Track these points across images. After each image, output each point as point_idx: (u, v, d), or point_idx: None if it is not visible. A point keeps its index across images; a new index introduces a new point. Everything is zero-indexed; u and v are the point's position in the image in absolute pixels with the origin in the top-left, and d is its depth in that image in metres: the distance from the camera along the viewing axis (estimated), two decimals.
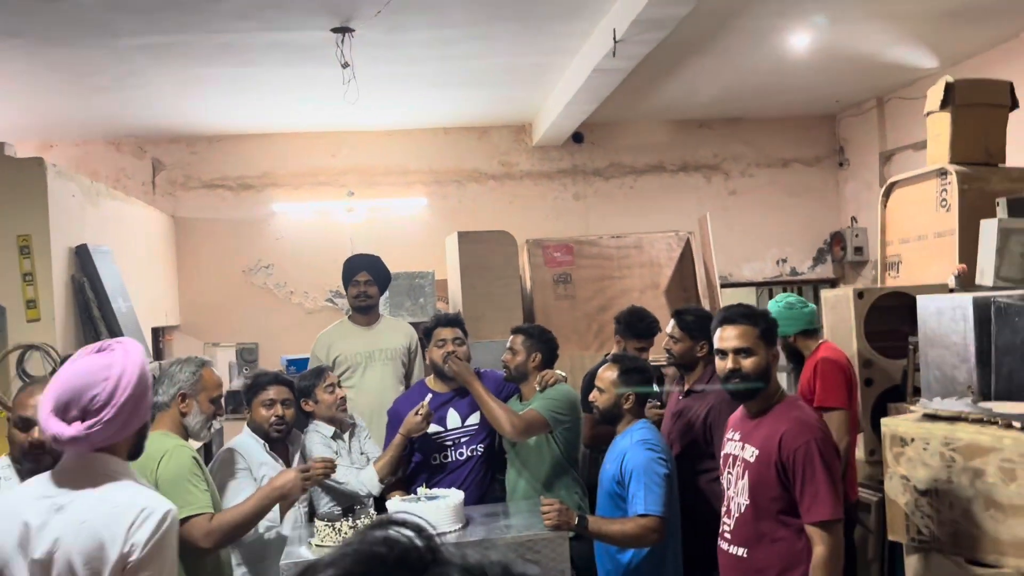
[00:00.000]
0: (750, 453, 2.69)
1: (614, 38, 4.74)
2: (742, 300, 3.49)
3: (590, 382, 3.66)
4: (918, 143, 6.43)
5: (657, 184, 7.92)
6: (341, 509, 3.52)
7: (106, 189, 5.58)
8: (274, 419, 3.46)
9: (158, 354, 6.47)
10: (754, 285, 8.25)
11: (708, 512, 3.25)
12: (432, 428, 3.78)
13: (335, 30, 4.89)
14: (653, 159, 7.93)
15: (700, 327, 3.64)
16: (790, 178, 8.07)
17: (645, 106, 7.25)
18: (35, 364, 4.06)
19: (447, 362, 3.82)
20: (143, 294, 5.77)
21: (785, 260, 8.08)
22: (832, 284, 7.92)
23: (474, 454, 3.87)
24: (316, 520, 3.27)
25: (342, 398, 3.82)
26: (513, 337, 3.94)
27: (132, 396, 1.96)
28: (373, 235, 7.26)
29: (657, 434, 3.32)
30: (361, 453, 3.86)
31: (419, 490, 3.42)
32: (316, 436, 3.75)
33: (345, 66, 5.07)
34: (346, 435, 3.84)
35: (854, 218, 7.88)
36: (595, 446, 4.06)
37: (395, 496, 3.58)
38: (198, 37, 4.98)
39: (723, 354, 2.75)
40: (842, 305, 4.58)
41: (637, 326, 4.29)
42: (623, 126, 7.81)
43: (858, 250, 7.70)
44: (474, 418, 3.87)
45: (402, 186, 7.63)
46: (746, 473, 2.69)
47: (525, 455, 3.79)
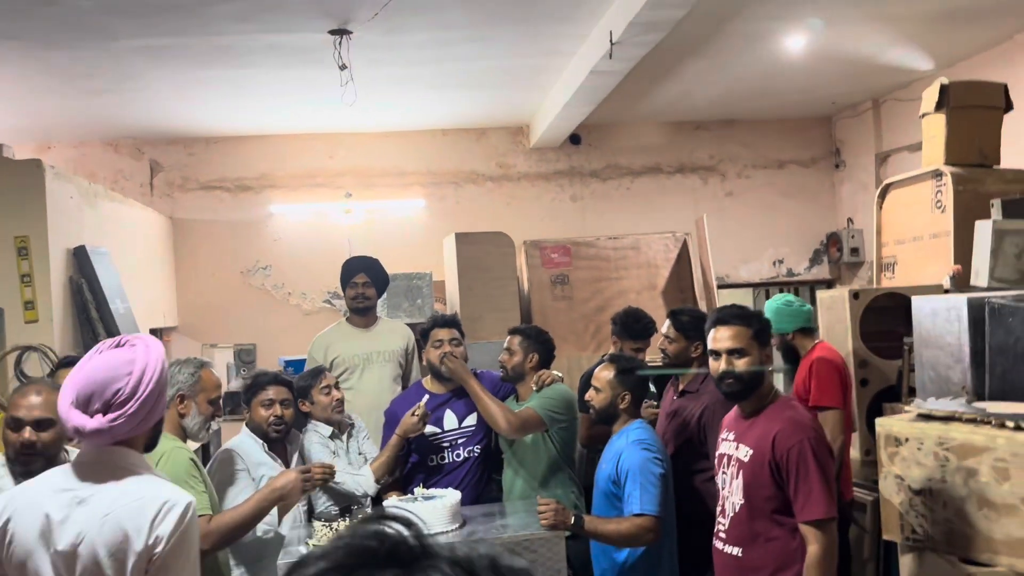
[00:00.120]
0: (744, 453, 2.71)
1: (611, 40, 4.76)
2: (739, 301, 3.50)
3: (587, 382, 3.68)
4: (914, 145, 6.45)
5: (654, 185, 7.94)
6: (338, 509, 3.54)
7: (104, 191, 5.59)
8: (273, 419, 3.47)
9: None
10: (751, 286, 8.27)
11: (703, 511, 3.27)
12: (429, 429, 3.79)
13: (333, 32, 4.91)
14: (650, 161, 7.95)
15: (695, 327, 3.67)
16: (786, 179, 8.10)
17: (642, 108, 7.27)
18: (33, 365, 4.08)
19: (443, 361, 3.83)
20: (141, 295, 5.78)
21: (782, 261, 8.10)
22: (828, 285, 7.94)
23: (471, 455, 3.87)
24: (313, 520, 3.29)
25: (339, 400, 3.83)
26: (510, 338, 3.96)
27: (153, 391, 2.01)
28: (371, 236, 7.27)
29: (653, 434, 3.34)
30: (359, 453, 3.86)
31: (416, 490, 3.43)
32: (314, 436, 3.76)
33: (343, 68, 5.08)
34: (344, 435, 3.85)
35: (850, 219, 7.90)
36: (592, 446, 4.07)
37: (392, 496, 3.60)
38: (196, 39, 4.99)
39: (716, 355, 2.78)
40: (838, 306, 4.60)
41: (633, 327, 4.31)
42: (620, 128, 7.83)
43: (854, 251, 7.72)
44: (471, 419, 3.88)
45: (400, 187, 7.64)
46: (740, 473, 2.71)
47: (522, 454, 3.80)
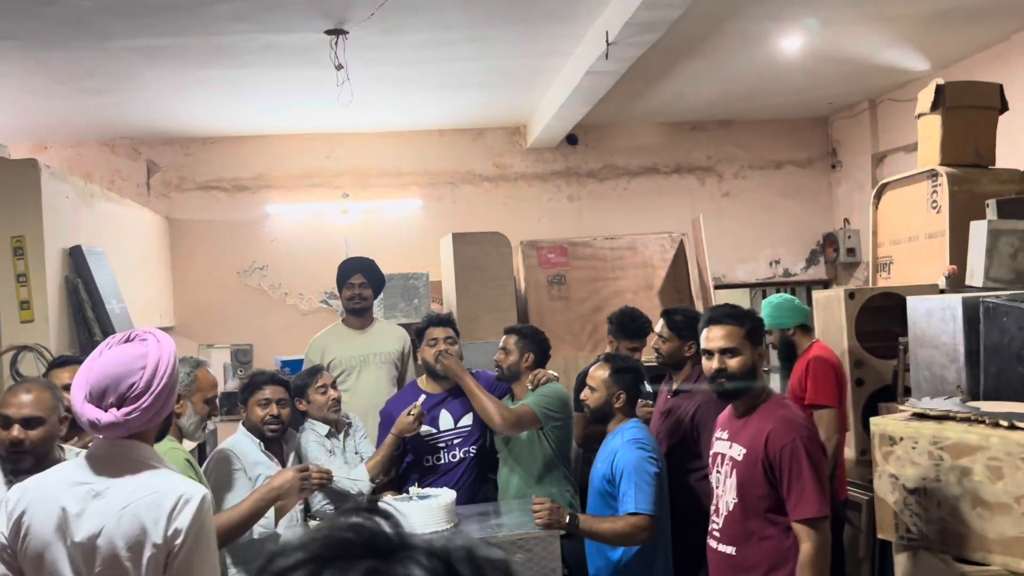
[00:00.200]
0: (738, 452, 2.72)
1: (607, 40, 4.76)
2: (736, 301, 3.52)
3: (583, 381, 3.69)
4: (910, 145, 6.46)
5: (651, 186, 7.95)
6: (334, 508, 3.54)
7: (100, 190, 5.59)
8: (269, 418, 3.46)
9: None
10: (747, 286, 8.28)
11: (697, 510, 3.28)
12: (424, 429, 3.79)
13: (329, 32, 4.91)
14: (647, 161, 7.96)
15: (688, 327, 3.68)
16: (783, 180, 8.10)
17: (639, 108, 7.28)
18: (28, 365, 4.08)
19: (438, 359, 3.83)
20: (137, 295, 5.77)
21: (778, 261, 8.11)
22: (825, 285, 7.95)
23: (467, 456, 3.88)
24: (308, 520, 3.29)
25: (335, 399, 3.83)
26: (506, 337, 3.96)
27: (167, 385, 2.04)
28: (368, 237, 7.27)
29: (648, 433, 3.35)
30: (356, 453, 3.87)
31: (411, 489, 3.44)
32: (311, 435, 3.76)
33: (339, 68, 5.08)
34: (341, 434, 3.85)
35: (847, 220, 7.91)
36: (588, 445, 4.08)
37: (387, 496, 3.60)
38: (192, 40, 4.99)
39: (709, 354, 2.79)
40: (833, 306, 4.61)
41: (629, 327, 4.31)
42: (617, 128, 7.83)
43: (851, 251, 7.73)
44: (467, 419, 3.88)
45: (397, 188, 7.64)
46: (734, 471, 2.71)
47: (518, 452, 3.80)
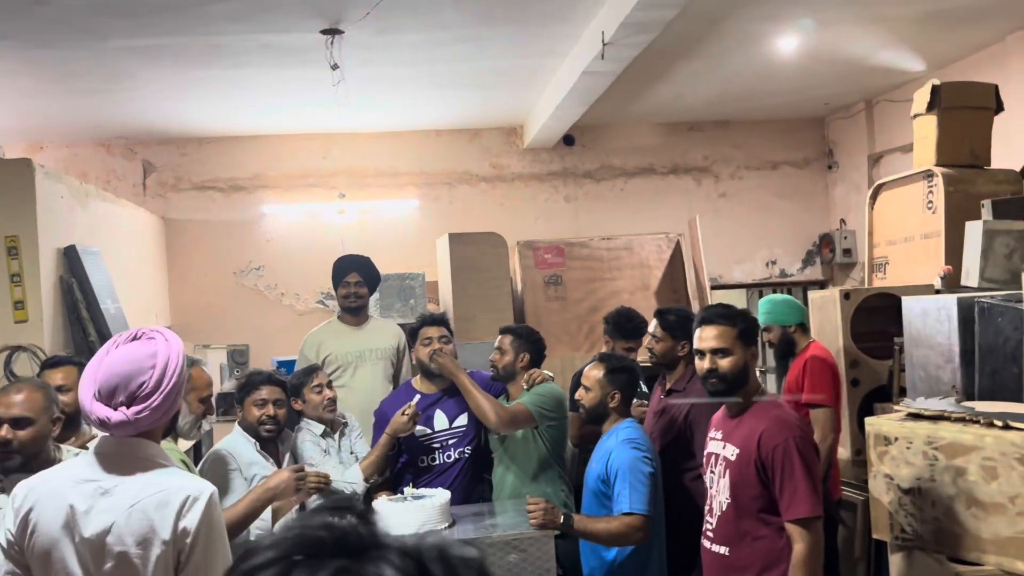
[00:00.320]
0: (731, 452, 2.71)
1: (603, 41, 4.76)
2: (733, 301, 3.52)
3: (578, 381, 3.68)
4: (906, 146, 6.46)
5: (647, 186, 7.95)
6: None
7: (95, 190, 5.58)
8: (265, 418, 3.45)
9: None
10: (744, 287, 8.28)
11: (691, 510, 3.27)
12: (419, 430, 3.78)
13: (324, 32, 4.90)
14: (643, 161, 7.96)
15: (681, 327, 3.68)
16: (779, 180, 8.11)
17: (635, 109, 7.28)
18: (22, 365, 4.07)
19: (433, 358, 3.82)
20: (133, 295, 5.76)
21: (775, 262, 8.11)
22: (821, 286, 7.95)
23: (462, 456, 3.86)
24: None
25: (331, 398, 3.82)
26: (501, 337, 3.95)
27: (176, 384, 2.06)
28: (364, 237, 7.26)
29: (643, 433, 3.34)
30: (351, 452, 3.86)
31: (405, 490, 3.43)
32: (306, 434, 3.76)
33: (334, 67, 5.08)
34: (336, 434, 3.85)
35: (843, 220, 7.92)
36: (583, 445, 4.07)
37: (381, 496, 3.59)
38: (187, 39, 4.98)
39: (701, 354, 2.79)
40: (829, 306, 4.61)
41: (625, 326, 4.31)
42: (614, 129, 7.83)
43: (847, 252, 7.74)
44: (462, 419, 3.87)
45: (393, 188, 7.64)
46: (727, 472, 2.71)
47: (513, 451, 3.80)
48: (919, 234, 4.75)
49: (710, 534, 2.79)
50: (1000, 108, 4.81)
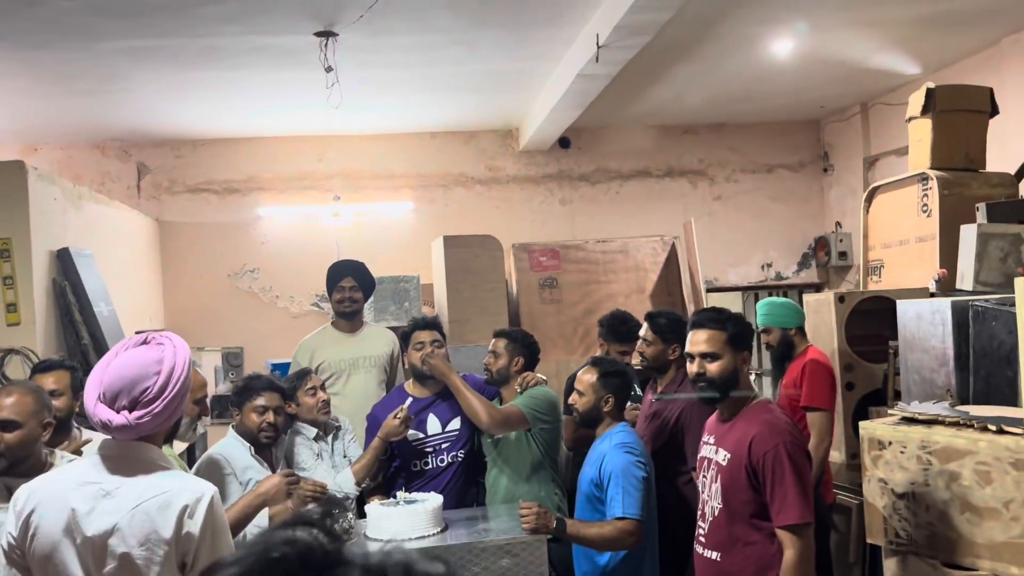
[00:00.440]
0: (722, 457, 2.70)
1: (597, 43, 4.76)
2: (728, 305, 3.51)
3: (572, 385, 3.67)
4: (902, 148, 6.47)
5: (643, 189, 7.95)
6: (320, 512, 3.50)
7: (89, 192, 5.56)
8: (265, 425, 3.42)
9: None
10: (739, 290, 8.28)
11: (682, 514, 3.26)
12: (411, 434, 3.76)
13: (318, 34, 4.89)
14: (639, 164, 7.96)
15: (672, 330, 3.67)
16: (775, 183, 8.11)
17: (631, 112, 7.28)
18: (15, 368, 4.05)
19: (425, 360, 3.81)
20: (127, 298, 5.75)
21: (770, 265, 8.12)
22: (817, 289, 7.95)
23: (455, 460, 3.84)
24: None
25: (324, 401, 3.80)
26: (495, 340, 3.94)
27: (180, 390, 2.07)
28: (359, 239, 7.25)
29: (636, 437, 3.33)
30: (344, 456, 3.84)
31: (398, 494, 3.41)
32: (299, 438, 3.74)
33: (328, 70, 5.07)
34: (329, 437, 3.83)
35: (838, 223, 7.92)
36: (578, 449, 4.06)
37: (374, 500, 3.57)
38: (182, 41, 4.97)
39: (691, 358, 2.78)
40: (824, 309, 4.61)
41: (619, 330, 4.30)
42: (609, 131, 7.83)
43: (842, 255, 7.74)
44: (455, 423, 3.86)
45: (388, 190, 7.63)
46: (719, 476, 2.70)
47: (506, 454, 3.78)
48: (914, 237, 4.75)
49: (702, 539, 2.78)
50: (995, 111, 4.81)
